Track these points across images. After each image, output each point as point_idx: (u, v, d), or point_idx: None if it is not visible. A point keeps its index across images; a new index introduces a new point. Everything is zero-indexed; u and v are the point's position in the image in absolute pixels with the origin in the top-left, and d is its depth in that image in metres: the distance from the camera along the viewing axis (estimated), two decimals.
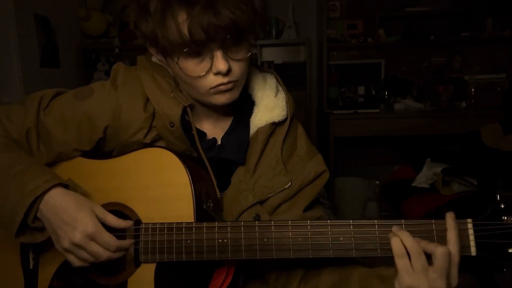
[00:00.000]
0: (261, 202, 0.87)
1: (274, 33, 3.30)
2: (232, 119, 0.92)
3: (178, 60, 0.77)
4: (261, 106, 0.90)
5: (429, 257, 0.69)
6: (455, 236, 0.70)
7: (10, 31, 2.37)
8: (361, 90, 3.45)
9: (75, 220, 0.75)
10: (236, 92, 0.82)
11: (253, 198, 0.86)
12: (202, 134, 0.90)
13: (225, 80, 0.78)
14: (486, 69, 3.38)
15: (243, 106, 0.92)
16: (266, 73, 0.95)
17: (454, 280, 0.70)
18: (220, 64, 0.75)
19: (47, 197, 0.76)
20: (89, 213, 0.76)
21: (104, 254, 0.76)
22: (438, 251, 0.67)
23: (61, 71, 2.93)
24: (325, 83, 3.27)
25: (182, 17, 0.72)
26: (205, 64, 0.77)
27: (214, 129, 0.92)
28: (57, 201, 0.76)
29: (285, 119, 0.90)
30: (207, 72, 0.77)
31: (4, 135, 0.85)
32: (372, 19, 3.29)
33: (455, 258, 0.69)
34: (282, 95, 0.92)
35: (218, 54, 0.75)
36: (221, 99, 0.81)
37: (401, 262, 0.69)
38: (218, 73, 0.77)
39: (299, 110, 3.38)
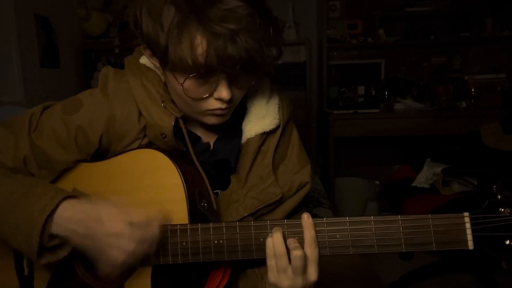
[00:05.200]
0: (252, 214, 0.87)
1: None
2: (223, 125, 0.90)
3: (183, 82, 0.74)
4: (251, 114, 0.88)
5: None
6: (310, 234, 0.73)
7: (10, 31, 2.37)
8: (361, 90, 3.44)
9: (101, 216, 0.72)
10: (229, 115, 0.82)
11: (244, 211, 0.86)
12: (196, 137, 0.89)
13: (224, 106, 0.77)
14: (486, 69, 3.37)
15: (234, 111, 0.89)
16: None
17: (312, 276, 0.73)
18: (223, 92, 0.74)
19: (59, 212, 0.73)
20: (109, 204, 0.74)
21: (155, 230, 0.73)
22: (293, 254, 0.71)
23: (61, 71, 2.93)
24: (325, 83, 3.27)
25: (200, 43, 0.68)
26: (208, 87, 0.75)
27: (206, 134, 0.91)
28: (73, 211, 0.73)
29: (277, 127, 0.89)
30: (209, 95, 0.76)
31: None
32: (372, 19, 3.29)
33: (312, 256, 0.73)
34: (275, 101, 0.90)
35: (224, 82, 0.74)
36: (213, 120, 0.81)
37: (269, 261, 0.74)
38: (219, 99, 0.76)
39: (299, 110, 3.38)
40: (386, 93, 3.30)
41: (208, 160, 0.88)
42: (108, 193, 0.82)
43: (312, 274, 0.73)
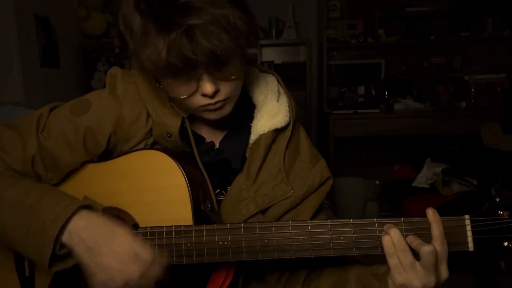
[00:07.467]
0: (263, 211, 0.86)
1: (274, 33, 3.30)
2: (230, 124, 0.90)
3: (160, 84, 0.73)
4: (263, 111, 0.87)
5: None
6: (439, 230, 0.71)
7: (10, 31, 2.37)
8: (361, 90, 3.45)
9: (114, 234, 0.71)
10: (228, 108, 0.79)
11: (255, 207, 0.85)
12: (200, 138, 0.88)
13: (213, 101, 0.74)
14: (486, 69, 3.38)
15: (242, 109, 0.89)
16: (267, 74, 0.92)
17: (443, 274, 0.71)
18: (206, 86, 0.72)
19: (72, 222, 0.72)
20: (124, 226, 0.73)
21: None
22: (423, 250, 0.68)
23: (61, 71, 2.93)
24: (325, 83, 3.28)
25: (160, 43, 0.67)
26: (192, 85, 0.73)
27: (212, 134, 0.90)
28: (86, 222, 0.72)
29: (287, 125, 0.88)
30: (194, 92, 0.74)
31: (4, 168, 0.80)
32: (372, 19, 3.29)
33: (442, 252, 0.71)
34: (284, 100, 0.89)
35: (204, 77, 0.71)
36: (211, 115, 0.79)
37: (391, 260, 0.71)
38: (204, 95, 0.74)
39: (299, 110, 3.38)
40: (386, 93, 3.31)
41: (213, 160, 0.88)
42: (112, 194, 0.82)
43: (444, 271, 0.71)
